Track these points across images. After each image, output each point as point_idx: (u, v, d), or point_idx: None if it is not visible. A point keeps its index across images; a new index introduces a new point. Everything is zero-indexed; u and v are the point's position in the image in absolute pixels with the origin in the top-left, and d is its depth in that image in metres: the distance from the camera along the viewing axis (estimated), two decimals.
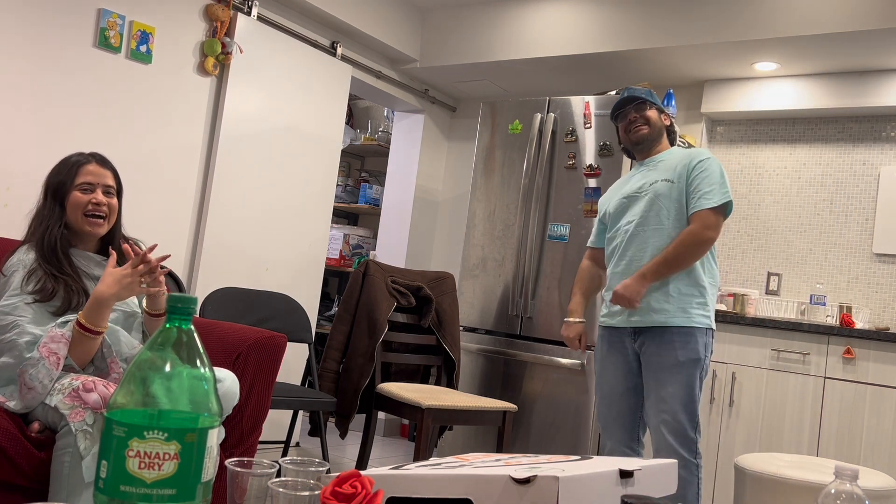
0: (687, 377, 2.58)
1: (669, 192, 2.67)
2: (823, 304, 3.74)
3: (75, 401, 1.77)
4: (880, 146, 3.96)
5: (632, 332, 2.71)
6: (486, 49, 4.45)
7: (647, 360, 2.65)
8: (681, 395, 2.57)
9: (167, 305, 1.03)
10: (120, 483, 0.95)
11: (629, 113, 2.79)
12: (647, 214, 2.69)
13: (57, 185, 2.09)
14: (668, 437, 2.56)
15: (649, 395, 2.64)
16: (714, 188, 2.62)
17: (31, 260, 2.01)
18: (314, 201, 4.23)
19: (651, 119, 2.77)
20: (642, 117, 2.76)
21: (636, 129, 2.77)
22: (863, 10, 3.38)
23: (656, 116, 2.79)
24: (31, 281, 1.97)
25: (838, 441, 3.42)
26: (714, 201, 2.60)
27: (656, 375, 2.61)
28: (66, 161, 2.13)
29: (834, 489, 1.13)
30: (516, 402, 3.87)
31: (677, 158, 2.73)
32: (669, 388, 2.58)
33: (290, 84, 4.05)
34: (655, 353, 2.62)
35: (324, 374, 3.43)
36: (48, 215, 2.07)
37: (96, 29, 3.26)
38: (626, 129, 2.80)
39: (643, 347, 2.67)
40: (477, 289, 4.13)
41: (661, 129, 2.80)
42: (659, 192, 2.68)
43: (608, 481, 1.12)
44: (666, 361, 2.59)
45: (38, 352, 1.86)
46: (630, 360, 2.72)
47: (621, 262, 2.74)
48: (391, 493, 1.15)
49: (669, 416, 2.56)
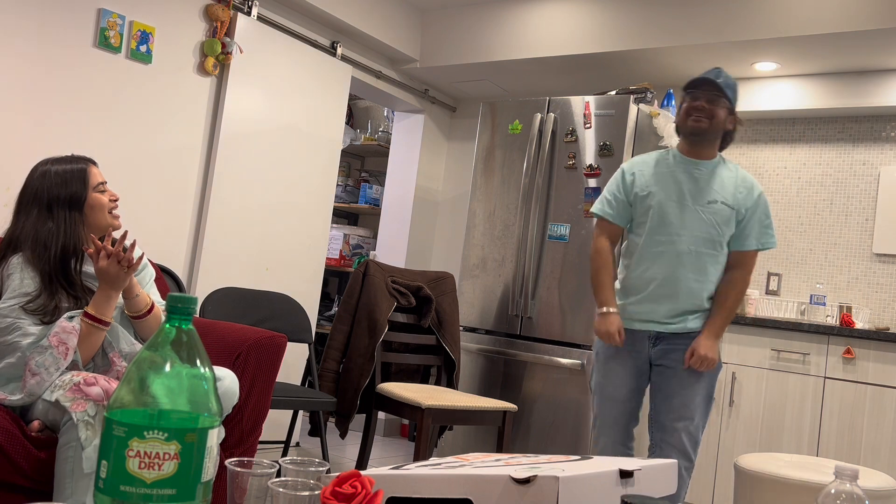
0: (709, 385, 2.60)
1: (729, 221, 2.57)
2: (823, 304, 3.74)
3: (77, 394, 1.78)
4: (880, 146, 3.96)
5: (653, 337, 2.65)
6: (486, 49, 4.45)
7: (672, 366, 2.60)
8: (704, 403, 2.59)
9: (167, 305, 1.03)
10: (120, 483, 0.95)
11: (701, 99, 2.55)
12: (706, 237, 2.57)
13: (70, 196, 2.06)
14: (685, 441, 2.57)
15: (670, 398, 2.59)
16: (765, 229, 2.58)
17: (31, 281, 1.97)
18: (314, 201, 4.23)
19: (717, 116, 2.55)
20: (710, 110, 2.54)
21: (697, 118, 2.55)
22: (863, 10, 3.38)
23: (724, 116, 2.57)
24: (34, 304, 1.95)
25: (838, 441, 3.42)
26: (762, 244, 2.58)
27: (681, 382, 2.58)
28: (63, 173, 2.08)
29: (834, 489, 1.13)
30: (516, 402, 3.87)
31: (733, 179, 2.61)
32: (696, 397, 2.57)
33: (290, 84, 4.05)
34: (681, 360, 2.59)
35: (324, 374, 3.43)
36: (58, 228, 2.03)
37: (96, 29, 3.26)
38: (688, 112, 2.57)
39: (666, 353, 2.62)
40: (477, 289, 4.13)
41: (721, 131, 2.60)
42: (722, 216, 2.57)
43: (608, 481, 1.12)
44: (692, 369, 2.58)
45: (46, 340, 1.88)
46: (641, 363, 2.66)
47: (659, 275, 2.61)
48: (391, 493, 1.15)
49: (690, 421, 2.57)
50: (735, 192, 2.59)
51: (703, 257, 2.57)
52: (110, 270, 1.94)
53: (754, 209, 2.58)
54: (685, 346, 2.59)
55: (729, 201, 2.57)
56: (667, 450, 2.59)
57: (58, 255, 2.01)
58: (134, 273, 2.00)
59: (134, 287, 2.07)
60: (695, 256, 2.56)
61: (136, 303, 2.09)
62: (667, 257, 2.59)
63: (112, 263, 1.94)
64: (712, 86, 2.53)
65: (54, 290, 1.98)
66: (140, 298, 2.09)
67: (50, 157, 2.13)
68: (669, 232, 2.59)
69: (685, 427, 2.56)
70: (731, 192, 2.58)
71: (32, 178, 2.09)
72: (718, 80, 2.53)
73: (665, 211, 2.60)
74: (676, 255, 2.58)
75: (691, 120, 2.56)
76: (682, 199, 2.60)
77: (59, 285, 2.00)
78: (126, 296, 2.07)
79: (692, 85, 2.56)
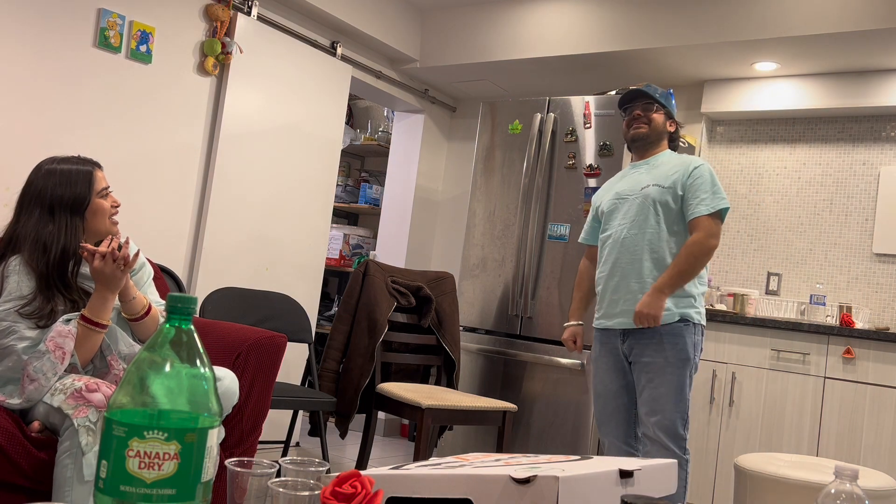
0: (678, 377, 2.66)
1: (662, 198, 2.71)
2: (823, 304, 3.74)
3: (78, 401, 1.77)
4: (880, 146, 3.96)
5: (620, 334, 2.77)
6: (486, 49, 4.45)
7: (637, 361, 2.72)
8: (672, 395, 2.64)
9: (167, 305, 1.03)
10: (120, 483, 0.95)
11: (636, 108, 2.82)
12: (638, 218, 2.74)
13: (74, 198, 2.04)
14: (660, 434, 2.64)
15: (641, 394, 2.71)
16: (708, 195, 2.67)
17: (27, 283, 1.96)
18: (314, 201, 4.23)
19: (654, 121, 2.80)
20: (646, 117, 2.80)
21: (636, 126, 2.82)
22: (863, 10, 3.38)
23: (661, 121, 2.82)
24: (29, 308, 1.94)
25: (838, 441, 3.42)
26: (712, 207, 2.65)
27: (647, 376, 2.68)
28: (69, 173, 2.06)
29: (834, 489, 1.13)
30: (516, 402, 3.87)
31: (671, 164, 2.77)
32: (661, 389, 2.65)
33: (291, 84, 4.05)
34: (645, 353, 2.69)
35: (324, 374, 3.43)
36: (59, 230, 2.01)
37: (96, 29, 3.26)
38: (628, 123, 2.85)
39: (632, 349, 2.74)
40: (477, 289, 4.13)
41: (661, 133, 2.83)
42: (651, 197, 2.72)
43: (608, 481, 1.12)
44: (656, 362, 2.67)
45: (43, 345, 1.86)
46: (620, 360, 2.79)
47: (606, 264, 2.81)
48: (391, 493, 1.15)
49: (661, 415, 2.64)
50: (669, 173, 2.74)
51: (635, 237, 2.73)
52: (105, 270, 1.92)
53: (690, 182, 2.71)
54: (649, 340, 2.68)
55: (662, 182, 2.73)
56: (647, 443, 2.68)
57: (56, 258, 1.99)
58: (130, 271, 1.98)
59: (130, 290, 2.04)
60: (626, 239, 2.74)
61: (133, 305, 2.07)
62: (609, 248, 2.80)
63: (107, 263, 1.92)
64: (643, 95, 2.81)
65: (51, 294, 1.96)
66: (137, 301, 2.07)
67: (56, 156, 2.10)
68: (608, 228, 2.85)
69: (658, 421, 2.64)
70: (664, 174, 2.74)
71: (37, 175, 2.06)
72: (647, 91, 2.81)
73: (607, 212, 2.86)
74: (614, 244, 2.78)
75: (631, 129, 2.83)
76: (620, 196, 2.81)
77: (56, 289, 1.98)
78: (122, 298, 2.04)
79: (624, 100, 2.84)
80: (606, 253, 2.82)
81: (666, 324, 2.66)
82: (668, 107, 2.83)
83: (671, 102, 2.85)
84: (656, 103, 2.80)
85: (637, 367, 2.72)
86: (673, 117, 2.86)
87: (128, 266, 1.94)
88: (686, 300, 2.70)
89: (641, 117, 2.80)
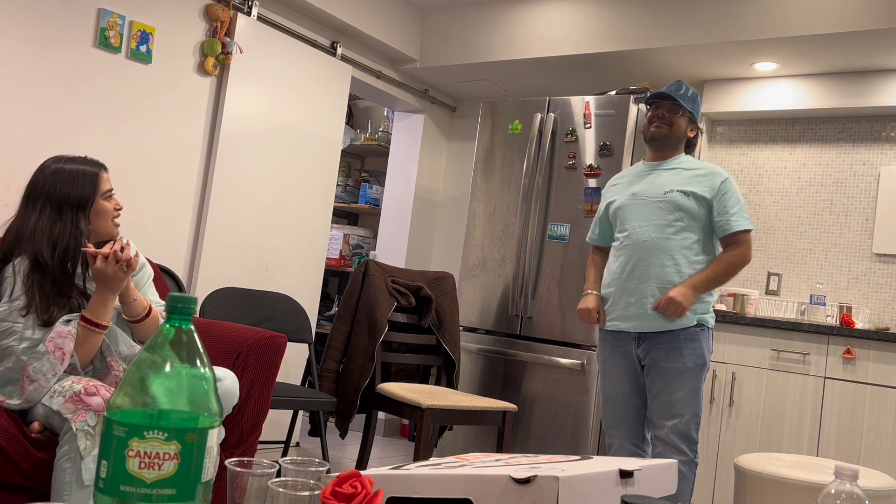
0: (695, 382, 2.66)
1: (686, 205, 2.69)
2: (823, 304, 3.74)
3: (77, 404, 1.76)
4: (880, 146, 3.96)
5: (636, 337, 2.75)
6: (486, 49, 4.45)
7: (654, 365, 2.70)
8: (688, 399, 2.65)
9: (167, 305, 1.03)
10: (120, 483, 0.95)
11: (661, 107, 2.79)
12: (660, 222, 2.71)
13: (79, 198, 2.04)
14: (674, 437, 2.64)
15: (657, 397, 2.69)
16: (741, 209, 2.70)
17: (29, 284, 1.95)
18: (314, 201, 4.23)
19: (676, 124, 2.77)
20: (669, 119, 2.77)
21: (657, 125, 2.78)
22: (863, 10, 3.38)
23: (684, 125, 2.79)
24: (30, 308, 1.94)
25: (838, 441, 3.42)
26: (748, 223, 2.69)
27: (665, 380, 2.67)
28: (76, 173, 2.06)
29: (834, 489, 1.13)
30: (516, 402, 3.87)
31: (693, 171, 2.75)
32: (679, 393, 2.65)
33: (291, 84, 4.05)
34: (662, 358, 2.68)
35: (324, 374, 3.43)
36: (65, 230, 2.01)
37: (96, 29, 3.26)
38: (650, 120, 2.81)
39: (648, 353, 2.71)
40: (477, 289, 4.13)
41: (681, 137, 2.81)
42: (675, 202, 2.70)
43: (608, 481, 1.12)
44: (674, 367, 2.65)
45: (43, 346, 1.86)
46: (633, 363, 2.77)
47: (622, 265, 2.76)
48: (391, 493, 1.15)
49: (678, 419, 2.64)
50: (692, 180, 2.73)
51: (660, 242, 2.69)
52: (107, 271, 1.92)
53: (720, 194, 2.71)
54: (668, 344, 2.67)
55: (688, 189, 2.71)
56: (659, 446, 2.67)
57: (59, 258, 1.99)
58: (132, 273, 1.98)
59: (131, 291, 2.04)
60: (648, 243, 2.71)
61: (134, 307, 2.06)
62: (627, 249, 2.76)
63: (109, 264, 1.92)
64: (671, 98, 2.76)
65: (52, 295, 1.96)
66: (138, 303, 2.06)
67: (62, 155, 2.10)
68: (626, 228, 2.78)
69: (674, 426, 2.64)
70: (686, 180, 2.73)
71: (43, 173, 2.05)
72: (679, 92, 2.77)
73: (624, 211, 2.81)
74: (635, 246, 2.74)
75: (653, 127, 2.79)
76: (639, 197, 2.77)
77: (57, 289, 1.98)
78: (123, 300, 2.04)
79: (654, 97, 2.80)
80: (622, 253, 2.78)
81: (684, 328, 2.65)
82: (693, 111, 2.81)
83: (697, 106, 2.83)
84: (682, 108, 2.77)
85: (653, 371, 2.70)
86: (696, 122, 2.84)
87: (130, 268, 1.95)
88: (704, 305, 2.70)
89: (665, 118, 2.77)
